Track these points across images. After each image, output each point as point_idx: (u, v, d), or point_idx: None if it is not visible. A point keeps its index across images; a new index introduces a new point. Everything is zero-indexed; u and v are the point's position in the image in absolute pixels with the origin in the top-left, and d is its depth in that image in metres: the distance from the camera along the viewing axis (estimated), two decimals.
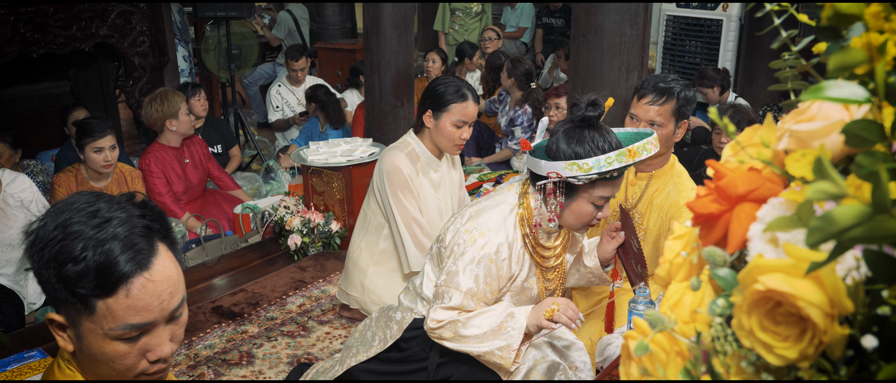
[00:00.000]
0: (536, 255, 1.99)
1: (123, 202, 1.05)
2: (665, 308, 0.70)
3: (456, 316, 1.91)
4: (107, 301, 0.99)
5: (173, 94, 3.94)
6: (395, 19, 4.18)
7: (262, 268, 3.69)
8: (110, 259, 0.98)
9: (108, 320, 1.00)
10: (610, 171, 1.78)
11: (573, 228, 1.96)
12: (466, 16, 6.76)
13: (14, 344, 2.80)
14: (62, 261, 0.98)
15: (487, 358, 1.92)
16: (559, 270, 2.11)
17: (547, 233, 2.00)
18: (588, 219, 1.90)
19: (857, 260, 0.55)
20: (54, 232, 1.00)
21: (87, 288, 0.98)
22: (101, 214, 1.01)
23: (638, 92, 2.36)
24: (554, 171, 1.81)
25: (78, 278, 0.98)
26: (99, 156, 3.44)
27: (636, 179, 2.50)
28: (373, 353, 2.15)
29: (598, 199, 1.86)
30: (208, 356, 2.91)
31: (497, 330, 1.89)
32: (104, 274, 0.98)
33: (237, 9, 5.50)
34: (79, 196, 1.05)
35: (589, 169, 1.76)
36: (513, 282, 1.99)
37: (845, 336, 0.55)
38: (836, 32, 0.62)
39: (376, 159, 3.89)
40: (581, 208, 1.88)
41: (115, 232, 1.00)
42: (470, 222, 1.95)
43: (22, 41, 4.06)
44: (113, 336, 1.02)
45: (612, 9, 2.88)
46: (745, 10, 5.66)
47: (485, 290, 1.92)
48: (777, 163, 0.67)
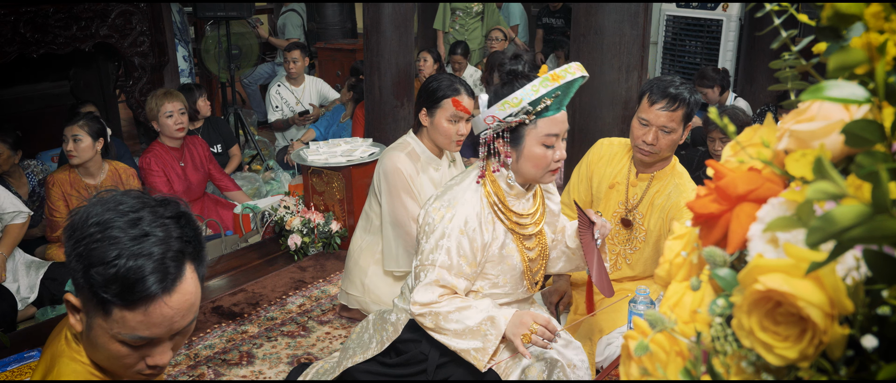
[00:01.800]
0: (510, 222, 2.00)
1: (166, 217, 1.06)
2: (665, 308, 0.70)
3: (437, 299, 1.94)
4: (123, 311, 1.02)
5: (162, 97, 3.87)
6: (395, 19, 4.18)
7: (262, 268, 3.69)
8: (140, 276, 1.00)
9: (118, 325, 1.04)
10: (539, 99, 1.82)
11: (536, 177, 1.96)
12: (467, 16, 6.75)
13: (14, 343, 2.80)
14: (94, 261, 1.01)
15: (463, 355, 1.95)
16: (539, 239, 2.11)
17: (516, 196, 2.01)
18: (545, 163, 1.92)
19: (857, 260, 0.55)
20: (93, 228, 1.02)
21: (109, 295, 1.01)
22: (142, 227, 1.03)
23: (648, 97, 2.35)
24: (490, 116, 1.87)
25: (104, 283, 1.00)
26: (65, 145, 3.45)
27: (637, 180, 2.50)
28: (370, 355, 2.16)
29: (546, 139, 1.89)
30: (208, 356, 2.91)
31: (476, 330, 1.92)
32: (130, 288, 1.01)
33: (237, 9, 5.50)
34: (127, 197, 1.07)
35: (519, 101, 1.82)
36: (489, 250, 1.99)
37: (845, 336, 0.55)
38: (836, 32, 0.62)
39: (376, 159, 3.90)
40: (533, 152, 1.90)
41: (151, 250, 1.02)
42: (437, 201, 2.00)
43: (22, 41, 4.06)
44: (119, 339, 1.05)
45: (612, 9, 2.88)
46: (745, 10, 5.66)
47: (460, 263, 1.94)
48: (777, 163, 0.67)
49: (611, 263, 2.60)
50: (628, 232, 2.55)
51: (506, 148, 1.91)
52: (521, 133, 1.90)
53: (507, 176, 1.95)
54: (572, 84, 1.85)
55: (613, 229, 2.57)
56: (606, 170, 2.57)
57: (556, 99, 1.85)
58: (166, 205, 1.08)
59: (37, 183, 4.20)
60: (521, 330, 1.88)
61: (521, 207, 2.03)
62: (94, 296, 1.02)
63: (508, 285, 2.07)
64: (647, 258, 2.54)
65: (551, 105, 1.85)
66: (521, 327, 1.89)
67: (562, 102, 1.88)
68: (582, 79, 1.86)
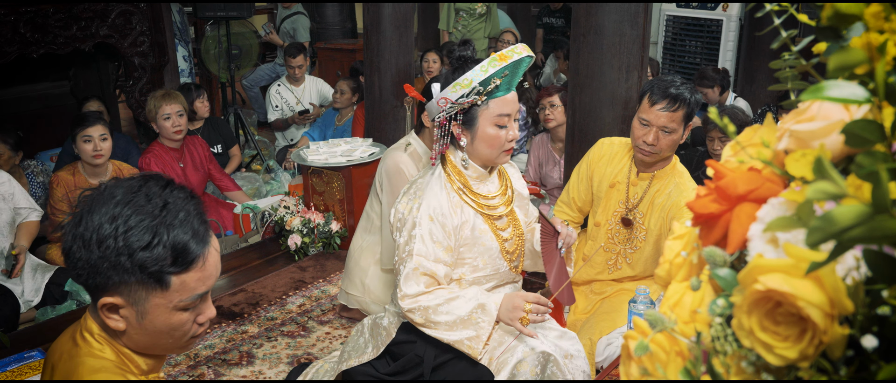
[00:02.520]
0: (477, 204, 2.05)
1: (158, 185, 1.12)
2: (665, 308, 0.70)
3: (424, 289, 1.97)
4: (182, 276, 1.09)
5: (161, 99, 3.85)
6: (395, 19, 4.18)
7: (262, 268, 3.69)
8: (185, 240, 1.08)
9: (180, 293, 1.10)
10: (489, 79, 1.89)
11: (491, 157, 2.02)
12: (470, 17, 6.74)
13: (14, 343, 2.80)
14: (134, 249, 1.05)
15: (457, 346, 1.98)
16: (512, 219, 2.14)
17: (478, 179, 2.06)
18: (499, 143, 1.98)
19: (857, 260, 0.55)
20: (109, 227, 1.06)
21: (165, 268, 1.07)
22: (155, 201, 1.08)
23: (649, 97, 2.36)
24: (443, 98, 1.94)
25: (156, 261, 1.06)
26: (88, 146, 3.44)
27: (638, 180, 2.51)
28: (365, 360, 2.18)
29: (498, 119, 1.96)
30: (208, 356, 2.91)
31: (467, 319, 1.95)
32: (182, 254, 1.08)
33: (237, 9, 5.50)
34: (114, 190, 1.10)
35: (470, 82, 1.89)
36: (461, 233, 2.03)
37: (845, 336, 0.55)
38: (836, 32, 0.62)
39: (376, 159, 3.90)
40: (486, 132, 1.97)
41: (179, 215, 1.09)
42: (404, 197, 2.07)
43: (22, 41, 4.05)
44: (180, 307, 1.11)
45: (612, 9, 2.87)
46: (745, 10, 5.66)
47: (435, 250, 1.98)
48: (777, 163, 0.67)
49: (612, 262, 2.61)
50: (629, 231, 2.55)
51: (459, 130, 1.99)
52: (473, 115, 1.97)
53: (462, 157, 2.02)
54: (520, 63, 1.93)
55: (614, 228, 2.58)
56: (607, 169, 2.58)
57: (505, 78, 1.93)
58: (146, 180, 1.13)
59: (38, 183, 4.20)
60: (518, 314, 1.93)
61: (485, 189, 2.08)
62: (150, 278, 1.07)
63: (489, 267, 2.10)
64: (648, 257, 2.55)
65: (501, 85, 1.93)
66: (516, 310, 1.93)
67: (511, 82, 1.96)
68: (529, 59, 1.94)
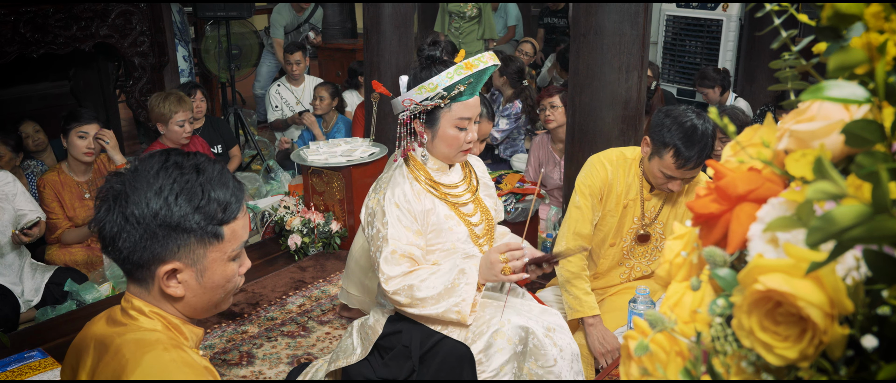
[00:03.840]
0: (440, 193, 2.10)
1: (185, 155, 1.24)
2: (665, 308, 0.70)
3: (408, 269, 2.00)
4: (233, 225, 1.24)
5: (177, 103, 3.82)
6: (395, 19, 4.18)
7: (262, 268, 3.69)
8: (226, 196, 1.23)
9: (231, 242, 1.24)
10: (454, 86, 1.95)
11: (448, 156, 2.09)
12: (462, 19, 6.73)
13: (14, 343, 2.80)
14: (189, 210, 1.18)
15: (445, 317, 2.01)
16: (479, 206, 2.18)
17: (439, 170, 2.12)
18: (458, 144, 2.05)
19: (857, 260, 0.55)
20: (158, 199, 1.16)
21: (218, 221, 1.21)
22: (185, 165, 1.21)
23: (676, 157, 2.21)
24: (408, 98, 2.00)
25: (210, 217, 1.20)
26: (83, 142, 3.44)
27: (651, 195, 2.46)
28: (354, 360, 2.20)
29: (459, 121, 2.02)
30: (208, 356, 2.91)
31: (451, 288, 1.99)
32: (228, 206, 1.23)
33: (237, 9, 5.49)
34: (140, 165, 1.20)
35: (435, 87, 1.95)
36: (428, 219, 2.06)
37: (845, 336, 0.55)
38: (836, 32, 0.62)
39: (376, 159, 3.90)
40: (446, 133, 2.04)
41: (211, 173, 1.22)
42: (372, 193, 2.14)
43: (22, 41, 4.05)
44: (232, 257, 1.26)
45: (612, 9, 2.87)
46: (745, 10, 5.66)
47: (407, 234, 2.01)
48: (777, 163, 0.67)
49: (625, 275, 2.60)
50: (645, 246, 2.52)
51: (422, 128, 2.05)
52: (436, 115, 2.03)
53: (422, 153, 2.09)
54: (484, 72, 1.98)
55: (630, 246, 2.51)
56: (613, 193, 2.46)
57: (469, 85, 1.98)
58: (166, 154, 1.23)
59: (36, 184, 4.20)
60: (497, 268, 1.95)
61: (448, 180, 2.13)
62: (208, 233, 1.20)
63: (460, 253, 2.12)
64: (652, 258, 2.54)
65: (465, 91, 1.99)
66: (494, 265, 1.96)
67: (475, 88, 2.02)
68: (494, 67, 1.99)
